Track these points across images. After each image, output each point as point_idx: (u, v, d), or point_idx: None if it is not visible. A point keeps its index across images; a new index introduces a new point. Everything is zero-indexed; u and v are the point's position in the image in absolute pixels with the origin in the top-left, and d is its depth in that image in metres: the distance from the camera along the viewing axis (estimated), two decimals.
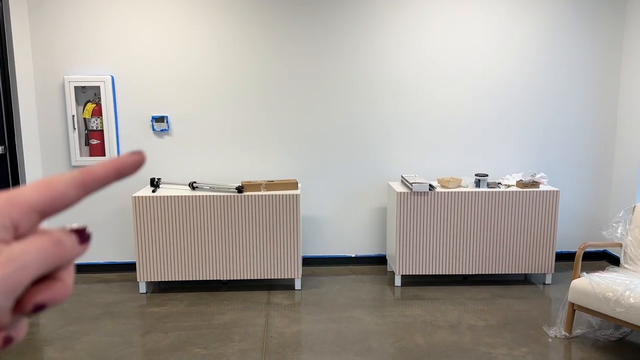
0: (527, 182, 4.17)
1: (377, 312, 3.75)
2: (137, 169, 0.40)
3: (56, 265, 0.35)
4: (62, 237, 0.35)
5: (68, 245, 0.36)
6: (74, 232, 0.37)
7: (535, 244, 4.19)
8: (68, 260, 0.36)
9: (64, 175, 0.37)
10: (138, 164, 0.40)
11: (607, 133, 4.68)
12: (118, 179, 0.39)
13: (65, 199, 0.36)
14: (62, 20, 4.25)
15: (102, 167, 0.38)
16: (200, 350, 3.21)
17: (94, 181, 0.37)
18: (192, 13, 4.31)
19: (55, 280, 0.36)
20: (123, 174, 0.39)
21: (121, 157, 0.39)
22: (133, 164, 0.39)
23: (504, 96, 4.56)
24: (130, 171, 0.39)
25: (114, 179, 0.39)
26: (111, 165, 0.38)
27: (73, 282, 0.38)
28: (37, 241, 0.34)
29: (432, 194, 4.09)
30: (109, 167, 0.38)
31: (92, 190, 0.38)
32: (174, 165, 4.49)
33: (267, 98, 4.46)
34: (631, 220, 3.59)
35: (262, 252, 4.07)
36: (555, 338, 3.35)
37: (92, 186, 0.37)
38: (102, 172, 0.38)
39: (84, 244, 0.37)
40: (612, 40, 4.54)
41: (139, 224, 3.99)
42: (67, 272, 0.37)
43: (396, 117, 4.54)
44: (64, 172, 0.37)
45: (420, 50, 4.46)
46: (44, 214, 0.36)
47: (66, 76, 4.26)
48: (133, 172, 0.40)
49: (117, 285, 4.33)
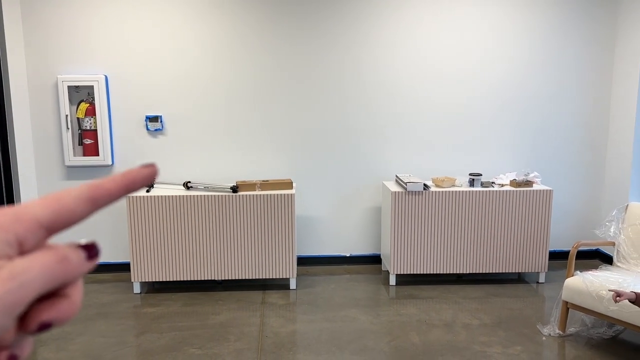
0: (520, 182, 4.19)
1: (372, 312, 3.76)
2: (149, 182, 0.39)
3: (62, 282, 0.34)
4: (68, 253, 0.34)
5: (74, 262, 0.34)
6: (82, 248, 0.35)
7: (529, 243, 4.21)
8: (75, 277, 0.35)
9: (73, 190, 0.35)
10: (150, 177, 0.38)
11: (599, 133, 4.71)
12: (129, 193, 0.38)
13: (73, 215, 0.35)
14: (55, 19, 4.23)
15: (113, 181, 0.37)
16: (196, 351, 3.20)
17: (104, 196, 0.36)
18: (186, 13, 4.30)
19: (62, 297, 0.35)
20: (134, 188, 0.38)
21: (132, 170, 0.38)
22: (145, 177, 0.38)
23: (498, 96, 4.58)
24: (141, 185, 0.38)
25: (124, 193, 0.37)
26: (122, 179, 0.37)
27: (81, 299, 0.36)
28: (42, 257, 0.33)
29: (426, 193, 4.10)
30: (119, 181, 0.37)
31: (102, 205, 0.36)
32: (168, 165, 4.48)
33: (262, 98, 4.46)
34: (624, 219, 3.62)
35: (256, 252, 4.06)
36: (549, 336, 3.37)
37: (101, 201, 0.36)
38: (113, 186, 0.37)
39: (92, 260, 0.36)
40: (604, 41, 4.57)
41: (133, 224, 3.97)
42: (74, 289, 0.36)
43: (391, 117, 4.55)
44: (73, 187, 0.36)
45: (415, 50, 4.47)
46: (51, 229, 0.35)
47: (59, 75, 4.24)
48: (145, 186, 0.39)
49: (111, 285, 4.31)
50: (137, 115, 4.40)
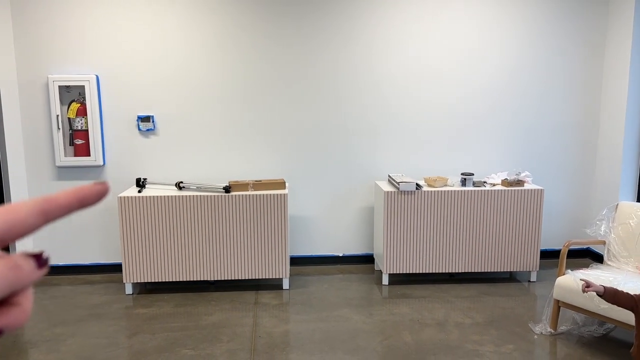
0: (512, 181, 4.21)
1: (365, 311, 3.76)
2: (99, 199, 0.40)
3: (13, 290, 0.35)
4: (19, 262, 0.35)
5: (25, 270, 0.35)
6: (32, 257, 0.37)
7: (521, 242, 4.24)
8: (25, 285, 0.36)
9: (26, 202, 0.37)
10: (101, 194, 0.40)
11: (590, 133, 4.75)
12: (80, 208, 0.39)
13: (24, 227, 0.36)
14: (46, 18, 4.20)
15: (65, 196, 0.38)
16: (189, 351, 3.19)
17: (55, 209, 0.38)
18: (178, 12, 4.28)
19: (13, 305, 0.36)
20: (85, 204, 0.39)
21: (84, 186, 0.40)
22: (96, 194, 0.40)
23: (489, 96, 4.60)
24: (92, 201, 0.40)
25: (75, 208, 0.39)
26: (74, 194, 0.39)
27: (31, 307, 0.38)
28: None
29: (419, 193, 4.12)
30: (71, 196, 0.39)
31: (53, 218, 0.38)
32: (160, 165, 4.46)
33: (254, 97, 4.45)
34: (614, 218, 3.65)
35: (249, 252, 4.06)
36: (541, 335, 3.39)
37: (53, 214, 0.38)
38: (64, 201, 0.38)
39: (42, 269, 0.37)
40: (595, 42, 4.61)
41: (125, 225, 3.95)
42: (25, 297, 0.37)
43: (383, 117, 4.56)
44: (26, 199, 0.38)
45: (407, 51, 4.48)
46: (3, 240, 0.35)
47: (50, 75, 4.21)
48: (96, 202, 0.40)
49: (102, 286, 4.29)
50: (128, 115, 4.38)
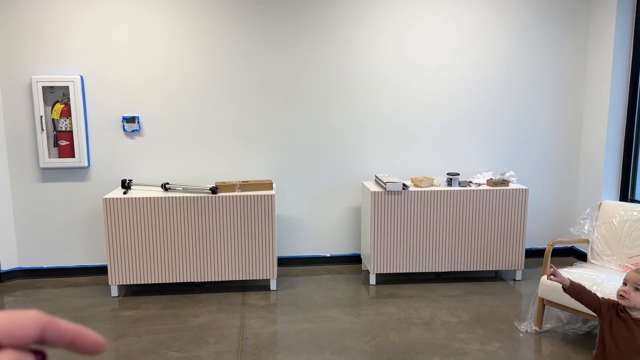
0: (497, 181, 4.25)
1: (353, 311, 3.77)
2: (92, 350, 0.42)
3: None
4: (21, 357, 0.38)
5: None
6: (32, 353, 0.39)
7: (506, 241, 4.28)
8: None
9: (29, 313, 0.39)
10: (95, 348, 0.42)
11: (573, 133, 4.81)
12: (71, 346, 0.41)
13: (21, 335, 0.38)
14: (29, 19, 4.14)
15: (67, 325, 0.41)
16: (175, 354, 3.17)
17: (54, 330, 0.40)
18: (162, 12, 4.26)
19: None
20: (79, 344, 0.41)
21: (88, 331, 0.42)
22: (92, 344, 0.42)
23: (475, 97, 4.64)
24: (86, 347, 0.42)
25: (68, 342, 0.41)
26: (75, 329, 0.41)
27: None
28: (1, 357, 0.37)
29: (405, 193, 4.14)
30: (73, 328, 0.41)
31: (49, 336, 0.40)
32: (145, 166, 4.43)
33: (241, 98, 4.44)
34: (597, 217, 3.70)
35: (236, 253, 4.04)
36: (526, 333, 3.42)
37: (50, 333, 0.40)
38: (65, 328, 0.41)
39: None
40: (577, 43, 4.67)
41: (110, 227, 3.92)
42: None
43: (370, 117, 4.57)
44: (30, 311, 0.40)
45: (394, 52, 4.50)
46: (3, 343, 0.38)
47: (34, 76, 4.16)
48: (87, 352, 0.42)
49: (87, 289, 4.24)
50: (113, 116, 4.34)
